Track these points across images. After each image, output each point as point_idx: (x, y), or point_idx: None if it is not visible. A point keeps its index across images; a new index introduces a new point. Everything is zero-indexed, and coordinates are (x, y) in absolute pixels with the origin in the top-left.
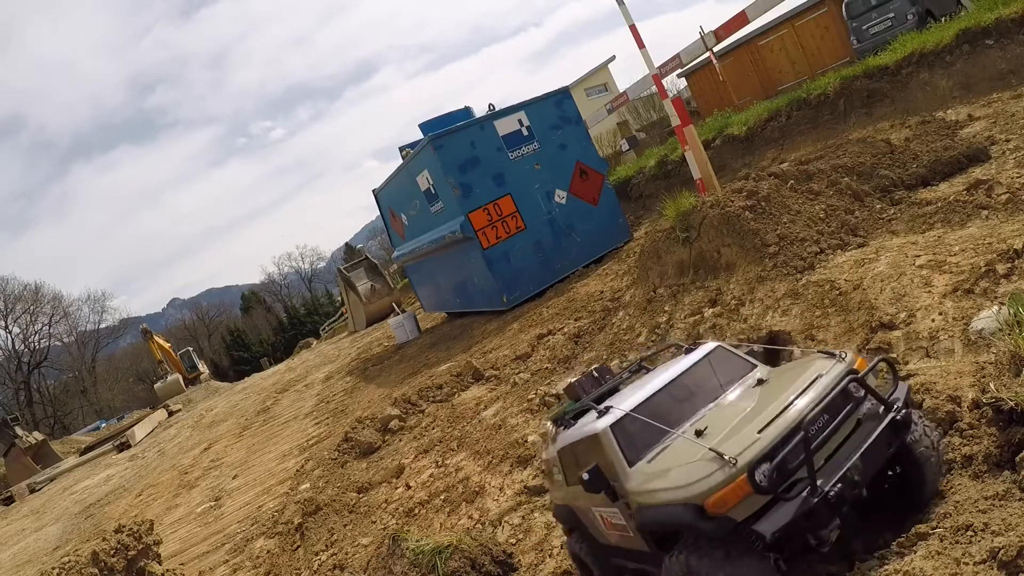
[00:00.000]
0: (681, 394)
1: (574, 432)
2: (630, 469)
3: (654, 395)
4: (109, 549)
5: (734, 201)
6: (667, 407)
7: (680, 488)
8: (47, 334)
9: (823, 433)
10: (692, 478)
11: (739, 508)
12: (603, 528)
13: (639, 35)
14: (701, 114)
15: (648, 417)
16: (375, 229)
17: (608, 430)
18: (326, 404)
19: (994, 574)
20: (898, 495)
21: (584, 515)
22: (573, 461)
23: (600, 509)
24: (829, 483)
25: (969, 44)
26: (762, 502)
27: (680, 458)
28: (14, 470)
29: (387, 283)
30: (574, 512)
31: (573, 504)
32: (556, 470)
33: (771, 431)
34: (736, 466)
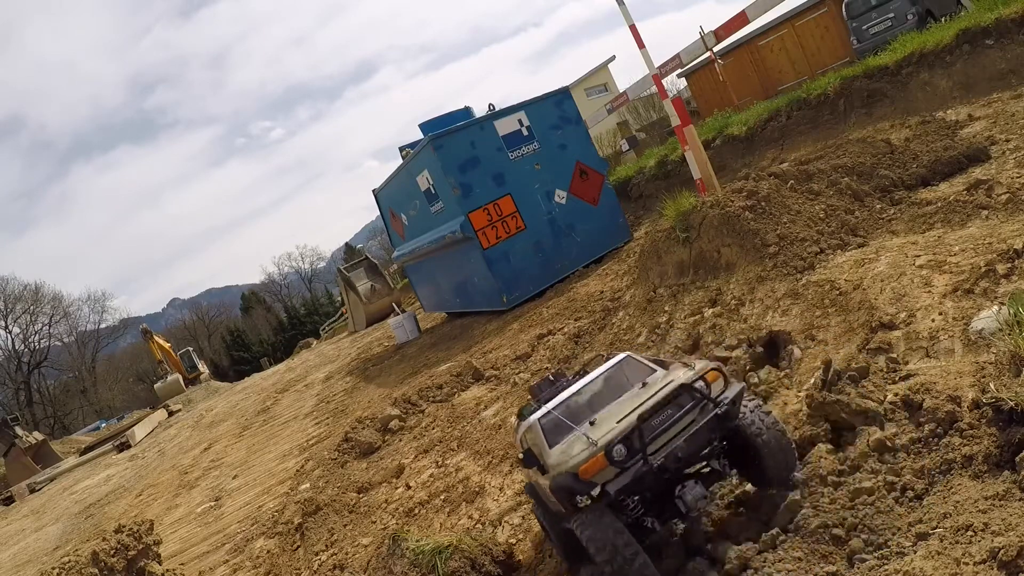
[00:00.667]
0: (592, 394)
1: (522, 424)
2: (551, 451)
3: (571, 396)
4: (109, 549)
5: (734, 201)
6: (580, 405)
7: (567, 461)
8: (47, 334)
9: (665, 424)
10: (575, 454)
11: (599, 475)
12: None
13: (639, 35)
14: (701, 114)
15: (564, 412)
16: (375, 229)
17: (537, 423)
18: (326, 404)
19: (994, 574)
20: (756, 468)
21: (539, 488)
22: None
23: (541, 480)
24: (657, 457)
25: (969, 44)
26: (613, 473)
27: (574, 443)
28: (14, 470)
29: (387, 283)
30: (534, 487)
31: (532, 479)
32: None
33: (625, 421)
34: (597, 446)
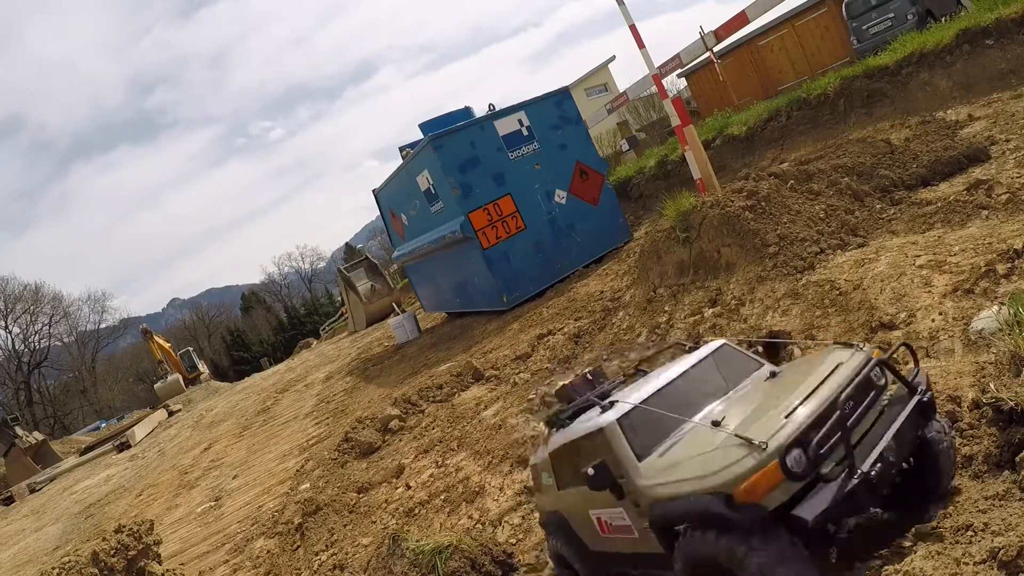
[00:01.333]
0: (687, 390)
1: (572, 430)
2: (639, 464)
3: (660, 391)
4: (109, 549)
5: (734, 201)
6: (673, 403)
7: (705, 477)
8: (47, 334)
9: (852, 417)
10: (718, 466)
11: (770, 496)
12: (600, 533)
13: (639, 35)
14: (701, 114)
15: (650, 422)
16: (375, 229)
17: (616, 424)
18: (326, 404)
19: (994, 574)
20: (912, 488)
21: (577, 521)
22: (569, 462)
23: (599, 511)
24: (867, 464)
25: (969, 44)
26: (793, 489)
27: (698, 449)
28: (14, 470)
29: (387, 283)
30: (565, 519)
31: (565, 510)
32: (546, 475)
33: (800, 415)
34: (766, 451)
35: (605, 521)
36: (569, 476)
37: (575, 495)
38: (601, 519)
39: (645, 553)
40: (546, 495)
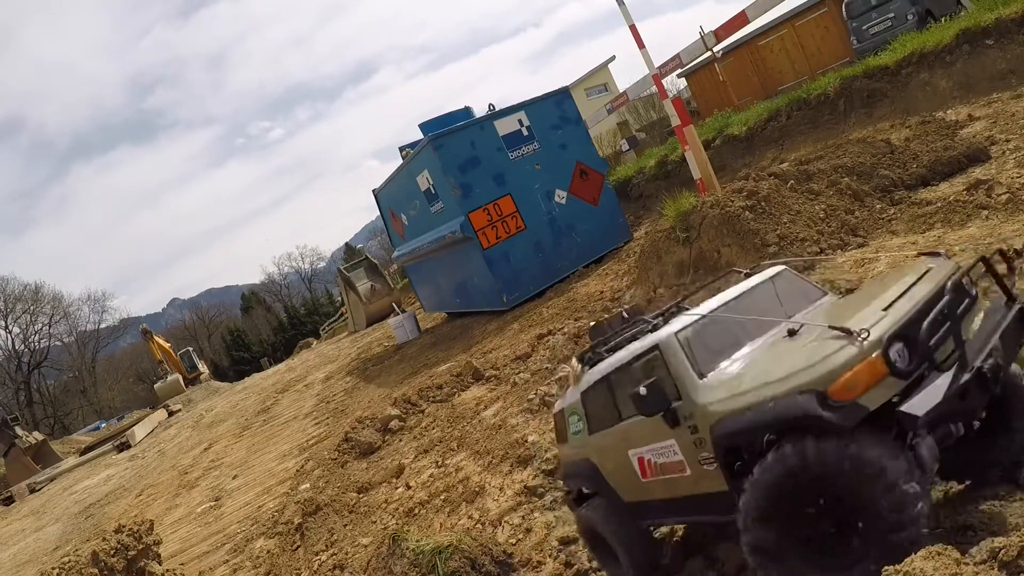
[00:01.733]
0: (750, 312)
1: (615, 358)
2: (701, 381)
3: (719, 309)
4: (109, 549)
5: (734, 201)
6: (731, 328)
7: (792, 376)
8: (47, 334)
9: (959, 311)
10: (808, 361)
11: (871, 394)
12: (639, 479)
13: (639, 35)
14: (701, 114)
15: (714, 336)
16: (375, 229)
17: (673, 338)
18: (326, 404)
19: (995, 574)
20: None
21: (611, 467)
22: (605, 398)
23: (642, 449)
24: (979, 358)
25: (969, 44)
26: (895, 389)
27: (777, 355)
28: (14, 470)
29: (387, 283)
30: (595, 468)
31: (597, 457)
32: (575, 419)
33: (901, 307)
34: (868, 340)
35: (649, 461)
36: (605, 415)
37: (611, 436)
38: (644, 459)
39: (697, 496)
40: (573, 443)
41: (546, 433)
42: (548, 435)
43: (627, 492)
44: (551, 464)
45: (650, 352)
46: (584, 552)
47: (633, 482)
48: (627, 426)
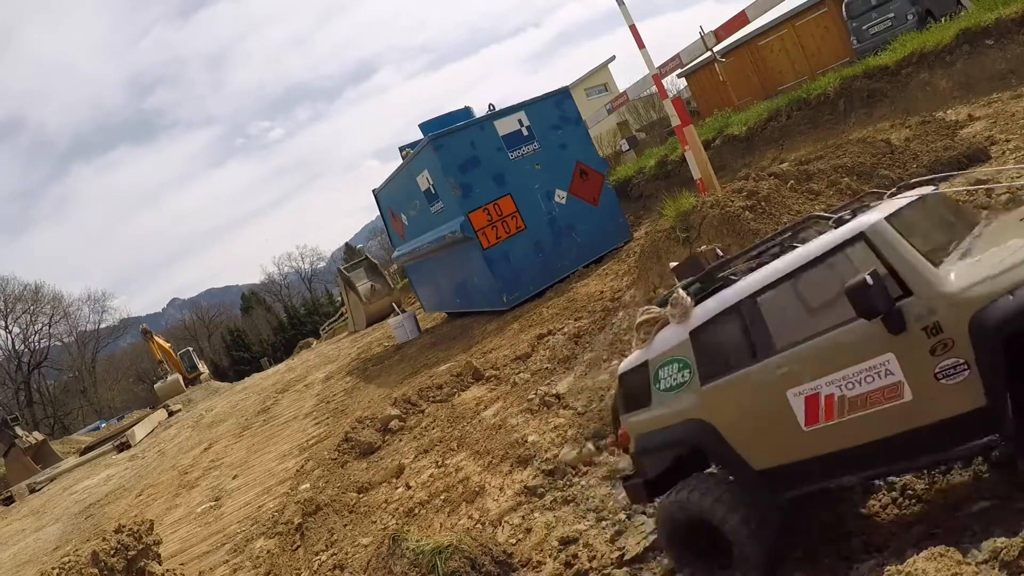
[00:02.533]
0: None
1: (770, 271)
2: (938, 269)
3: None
4: (109, 549)
5: (734, 201)
6: (940, 216)
7: None
8: (47, 334)
9: None
10: None
11: None
12: (798, 430)
13: (639, 35)
14: (701, 114)
15: (923, 224)
16: (375, 229)
17: (885, 224)
18: (326, 404)
19: (995, 574)
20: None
21: (743, 422)
22: (744, 330)
23: (819, 383)
24: None
25: (969, 44)
26: None
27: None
28: (14, 470)
29: (387, 283)
30: (712, 431)
31: (714, 413)
32: (673, 368)
33: None
34: None
35: (831, 397)
36: (737, 355)
37: (752, 379)
38: (819, 396)
39: (913, 431)
40: (665, 403)
41: (546, 433)
42: (548, 435)
43: (766, 454)
44: (551, 464)
45: (845, 247)
46: (586, 552)
47: (782, 437)
48: (790, 356)
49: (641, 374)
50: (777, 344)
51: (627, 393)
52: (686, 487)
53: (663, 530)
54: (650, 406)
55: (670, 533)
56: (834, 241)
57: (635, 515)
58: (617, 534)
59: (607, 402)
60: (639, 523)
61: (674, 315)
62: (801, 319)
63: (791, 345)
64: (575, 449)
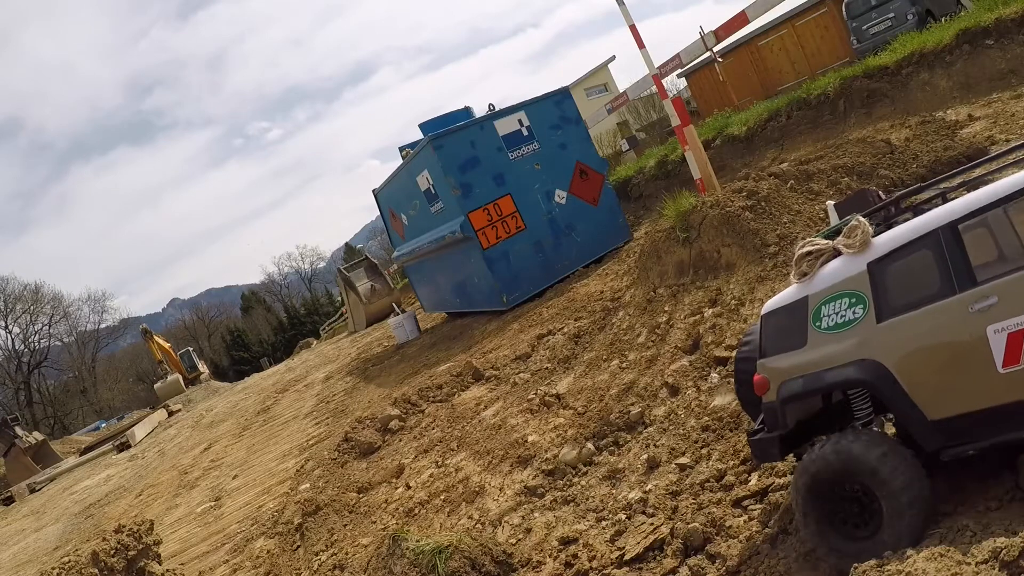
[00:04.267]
0: None
1: (983, 194)
2: None
3: None
4: (109, 549)
5: (734, 201)
6: None
7: None
8: (47, 334)
9: None
10: None
11: None
12: (993, 372)
13: (639, 35)
14: (701, 114)
15: None
16: (375, 229)
17: None
18: (326, 404)
19: (995, 574)
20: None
21: (928, 363)
22: (941, 259)
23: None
24: None
25: (969, 44)
26: None
27: None
28: (14, 470)
29: (387, 283)
30: (886, 373)
31: (892, 354)
32: (842, 304)
33: None
34: None
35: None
36: (927, 288)
37: (944, 314)
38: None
39: None
40: (831, 342)
41: (546, 433)
42: (548, 435)
43: (947, 400)
44: (551, 464)
45: None
46: (586, 552)
47: (971, 381)
48: (994, 288)
49: (796, 311)
50: (979, 276)
51: (773, 334)
52: (846, 437)
53: (801, 483)
54: (805, 347)
55: (809, 487)
56: None
57: (635, 515)
58: (617, 534)
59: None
60: (639, 523)
61: (851, 245)
62: (1010, 248)
63: (997, 276)
64: (575, 449)
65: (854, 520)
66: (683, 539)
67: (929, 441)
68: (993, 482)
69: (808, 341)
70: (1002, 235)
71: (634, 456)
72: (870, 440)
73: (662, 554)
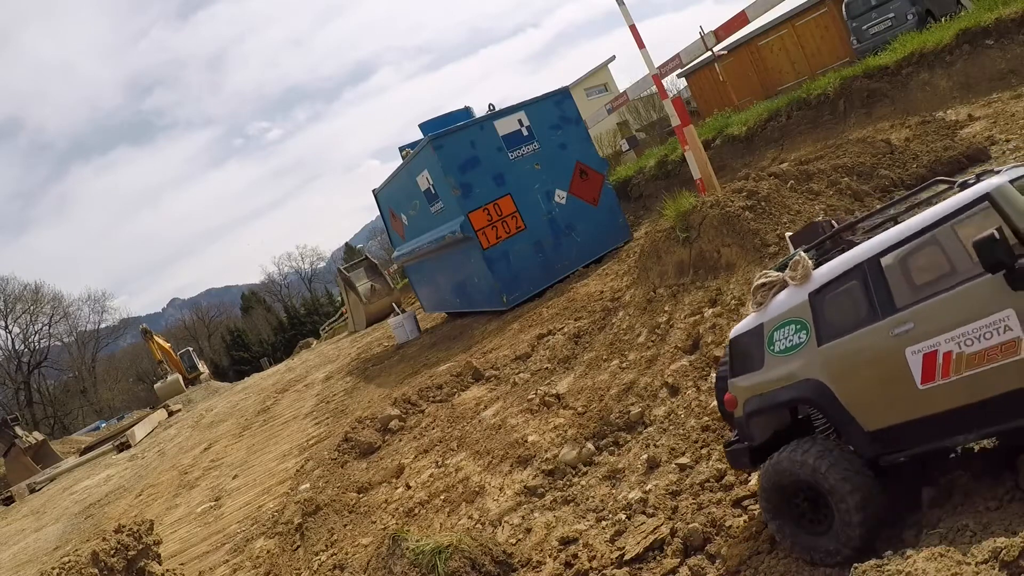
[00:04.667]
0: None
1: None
2: None
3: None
4: (109, 549)
5: (734, 201)
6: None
7: None
8: (47, 334)
9: None
10: None
11: None
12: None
13: (639, 35)
14: (701, 114)
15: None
16: (375, 229)
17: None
18: (326, 404)
19: (995, 574)
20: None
21: (858, 381)
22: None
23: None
24: None
25: (969, 44)
26: None
27: None
28: (14, 470)
29: (387, 283)
30: (826, 390)
31: (830, 373)
32: (790, 329)
33: None
34: None
35: (948, 354)
36: (857, 314)
37: (869, 337)
38: (937, 353)
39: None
40: (782, 363)
41: (546, 433)
42: (548, 435)
43: (879, 413)
44: (551, 464)
45: (970, 208)
46: (586, 552)
47: (897, 396)
48: (910, 314)
49: (754, 337)
50: (898, 303)
51: (738, 357)
52: (799, 447)
53: (765, 487)
54: (763, 368)
55: (771, 491)
56: (959, 203)
57: (635, 515)
58: (617, 534)
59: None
60: (639, 523)
61: (794, 277)
62: (922, 279)
63: (911, 304)
64: (575, 449)
65: (810, 517)
66: (683, 539)
67: (867, 449)
68: (993, 482)
69: (765, 363)
70: (915, 266)
71: (634, 456)
72: (821, 450)
73: (662, 554)
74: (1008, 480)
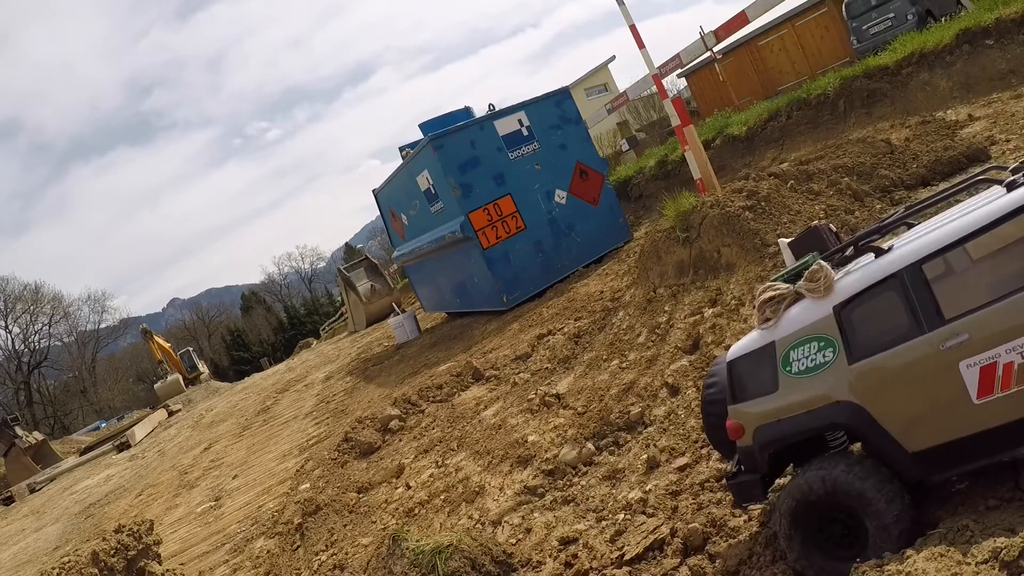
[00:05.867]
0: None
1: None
2: None
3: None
4: (109, 549)
5: (734, 201)
6: None
7: None
8: (47, 334)
9: None
10: None
11: None
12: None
13: (639, 35)
14: (701, 114)
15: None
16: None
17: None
18: (326, 404)
19: (995, 574)
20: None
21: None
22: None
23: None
24: None
25: (969, 44)
26: None
27: None
28: (14, 470)
29: (387, 283)
30: (860, 412)
31: (865, 393)
32: (811, 348)
33: None
34: None
35: (1010, 365)
36: (895, 328)
37: (914, 352)
38: (997, 366)
39: None
40: (802, 385)
41: (546, 433)
42: (548, 435)
43: (926, 433)
44: (551, 464)
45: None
46: (585, 552)
47: (948, 413)
48: (963, 325)
49: (764, 357)
50: (946, 314)
51: (743, 380)
52: (829, 464)
53: (785, 507)
54: (776, 392)
55: (793, 511)
56: (1011, 205)
57: (635, 515)
58: (617, 534)
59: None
60: (639, 523)
61: (814, 290)
62: (975, 286)
63: (964, 314)
64: (575, 449)
65: (836, 540)
66: (683, 539)
67: (911, 472)
68: (993, 482)
69: (780, 386)
70: (966, 272)
71: (634, 456)
72: (856, 467)
73: (662, 554)
74: (1008, 480)
